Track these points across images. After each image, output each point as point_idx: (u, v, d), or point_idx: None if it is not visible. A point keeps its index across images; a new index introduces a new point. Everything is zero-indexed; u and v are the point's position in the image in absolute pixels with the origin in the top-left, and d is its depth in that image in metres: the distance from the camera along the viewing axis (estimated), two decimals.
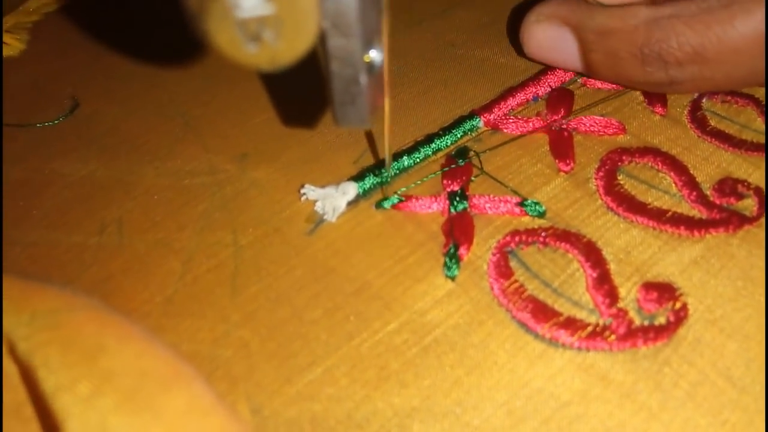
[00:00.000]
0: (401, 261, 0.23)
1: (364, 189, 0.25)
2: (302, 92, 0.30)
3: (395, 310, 0.21)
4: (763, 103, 0.29)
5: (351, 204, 0.25)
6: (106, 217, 0.25)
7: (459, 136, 0.27)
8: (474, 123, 0.28)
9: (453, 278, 0.22)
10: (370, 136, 0.28)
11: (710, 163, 0.26)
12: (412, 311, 0.21)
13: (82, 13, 0.37)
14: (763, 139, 0.27)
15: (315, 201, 0.25)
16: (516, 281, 0.22)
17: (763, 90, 0.30)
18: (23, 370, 0.16)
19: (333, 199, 0.24)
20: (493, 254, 0.23)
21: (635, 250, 0.23)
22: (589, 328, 0.20)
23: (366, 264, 0.23)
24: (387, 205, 0.25)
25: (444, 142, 0.27)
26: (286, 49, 0.16)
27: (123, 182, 0.26)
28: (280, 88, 0.31)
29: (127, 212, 0.25)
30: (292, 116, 0.29)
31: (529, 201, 0.24)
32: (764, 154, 0.26)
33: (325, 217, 0.24)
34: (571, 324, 0.21)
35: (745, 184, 0.25)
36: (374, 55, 0.18)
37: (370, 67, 0.18)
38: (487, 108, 0.28)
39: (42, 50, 0.34)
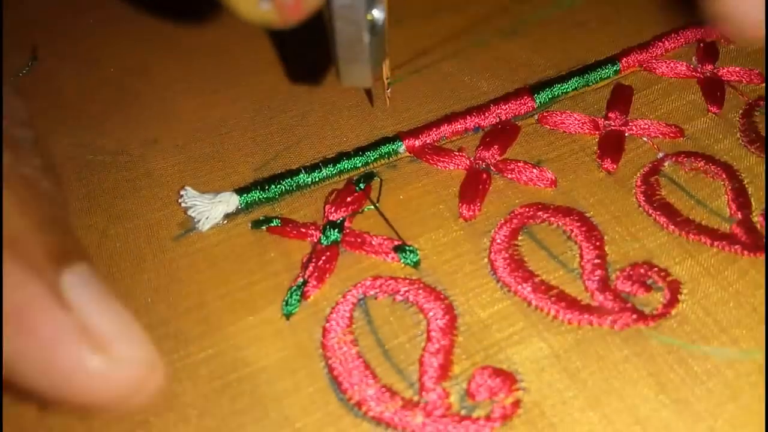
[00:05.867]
0: (247, 288, 0.22)
1: (247, 203, 0.24)
2: (248, 80, 0.29)
3: (214, 339, 0.20)
4: (740, 176, 0.25)
5: (229, 216, 0.24)
6: None
7: (372, 159, 0.25)
8: (394, 147, 0.26)
9: (288, 316, 0.21)
10: (284, 142, 0.26)
11: (636, 240, 0.23)
12: (230, 344, 0.20)
13: None
14: (714, 223, 0.23)
15: (191, 206, 0.24)
16: (350, 333, 0.20)
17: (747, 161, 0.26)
18: None
19: (207, 209, 0.23)
20: (342, 300, 0.21)
21: (495, 326, 0.20)
22: (400, 403, 0.19)
23: (211, 284, 0.22)
24: (263, 226, 0.23)
25: (352, 164, 0.25)
26: (296, 7, 0.17)
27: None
28: (227, 70, 0.30)
29: None
30: (224, 106, 0.28)
31: (407, 247, 0.22)
32: (709, 240, 0.23)
33: (196, 225, 0.23)
34: (383, 394, 0.19)
35: (663, 274, 0.22)
36: (376, 13, 0.19)
37: (373, 25, 0.19)
38: (415, 133, 0.26)
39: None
